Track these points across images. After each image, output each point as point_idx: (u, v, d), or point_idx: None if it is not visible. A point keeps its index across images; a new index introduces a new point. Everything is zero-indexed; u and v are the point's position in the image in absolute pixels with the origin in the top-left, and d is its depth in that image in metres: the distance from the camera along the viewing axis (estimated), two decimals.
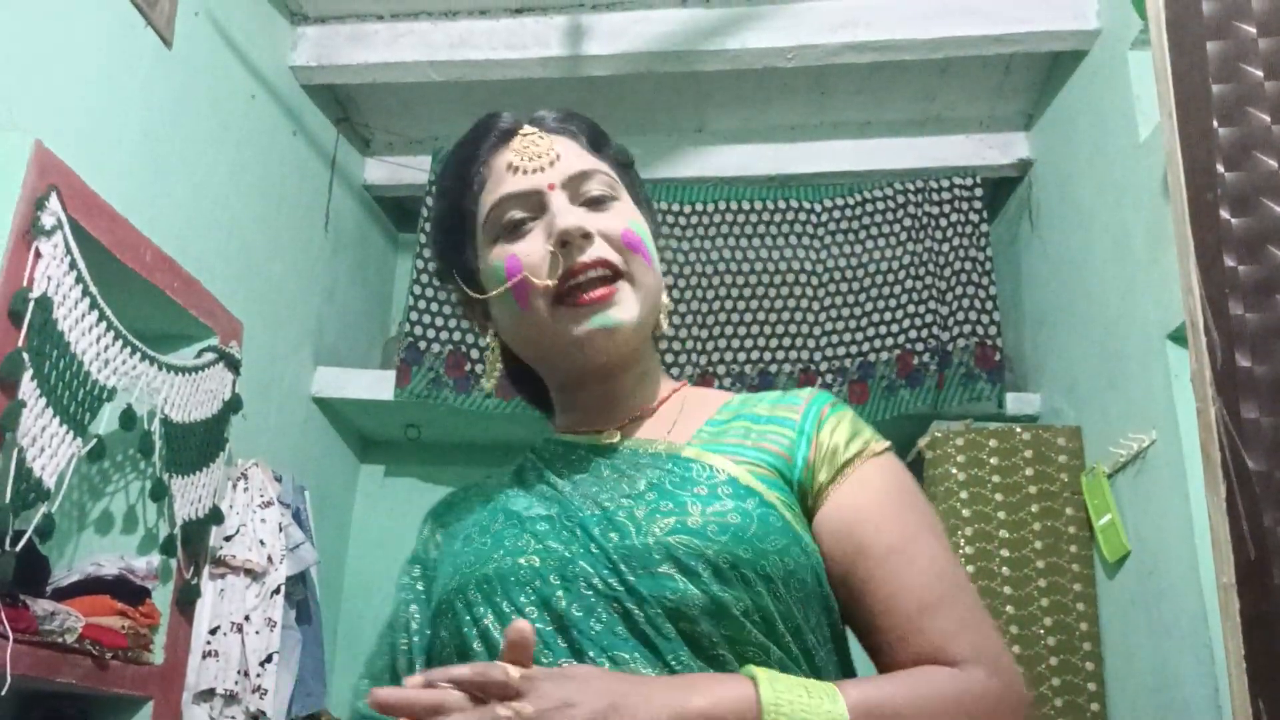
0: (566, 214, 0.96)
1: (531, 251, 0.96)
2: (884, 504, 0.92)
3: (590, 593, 0.86)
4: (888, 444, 0.97)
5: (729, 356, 3.29)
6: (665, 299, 1.04)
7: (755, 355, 3.30)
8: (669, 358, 3.25)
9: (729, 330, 3.32)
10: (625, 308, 0.95)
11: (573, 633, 0.85)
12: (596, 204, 0.99)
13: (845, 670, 0.91)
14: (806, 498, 0.93)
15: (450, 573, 0.94)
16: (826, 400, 0.99)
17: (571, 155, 1.01)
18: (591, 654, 0.83)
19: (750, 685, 0.78)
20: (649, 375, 1.04)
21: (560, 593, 0.87)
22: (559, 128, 1.04)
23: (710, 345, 3.30)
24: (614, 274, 0.96)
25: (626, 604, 0.85)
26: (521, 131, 1.02)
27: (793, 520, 0.90)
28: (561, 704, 0.72)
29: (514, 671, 0.74)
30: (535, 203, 0.98)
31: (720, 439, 0.97)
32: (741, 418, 0.99)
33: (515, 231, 0.98)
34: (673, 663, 0.83)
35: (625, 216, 0.99)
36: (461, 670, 0.74)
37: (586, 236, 0.95)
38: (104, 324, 2.07)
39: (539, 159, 0.99)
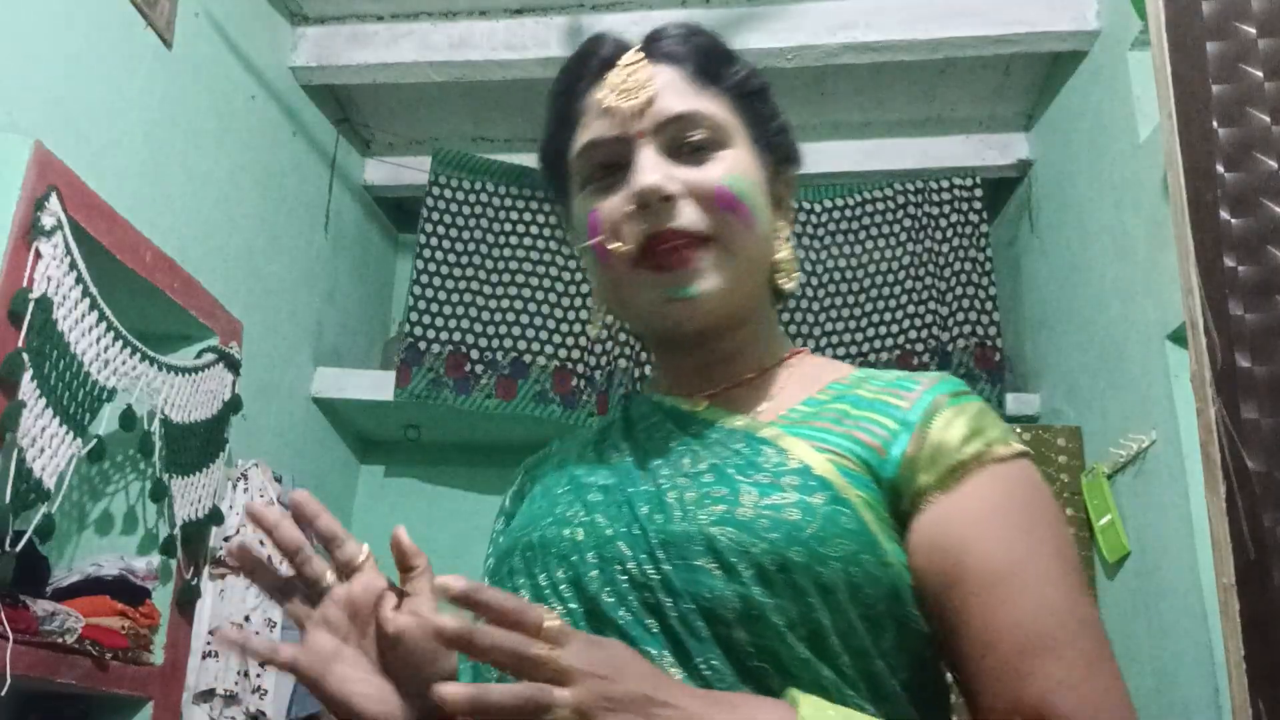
0: (648, 171, 0.85)
1: (612, 210, 0.86)
2: (998, 520, 0.77)
3: (624, 578, 0.78)
4: (1020, 448, 0.82)
5: None
6: (786, 253, 0.92)
7: None
8: None
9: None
10: (709, 277, 0.85)
11: (601, 621, 0.77)
12: (696, 153, 0.88)
13: (930, 705, 0.79)
14: (901, 500, 0.80)
15: (510, 535, 0.90)
16: (948, 388, 0.84)
17: (671, 94, 0.88)
18: None
19: (790, 712, 0.68)
20: (758, 339, 0.93)
21: (594, 573, 0.79)
22: (666, 53, 0.91)
23: None
24: (698, 240, 0.85)
25: (659, 595, 0.76)
26: (624, 60, 0.90)
27: (873, 523, 0.78)
28: (597, 672, 0.65)
29: (551, 620, 0.67)
30: (624, 150, 0.87)
31: (811, 421, 0.85)
32: (844, 399, 0.86)
33: (603, 181, 0.89)
34: (702, 668, 0.74)
35: (724, 169, 0.87)
36: (502, 598, 0.68)
37: (667, 199, 0.84)
38: (104, 324, 2.07)
39: (632, 98, 0.87)
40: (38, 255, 1.90)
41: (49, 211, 1.92)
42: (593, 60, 0.92)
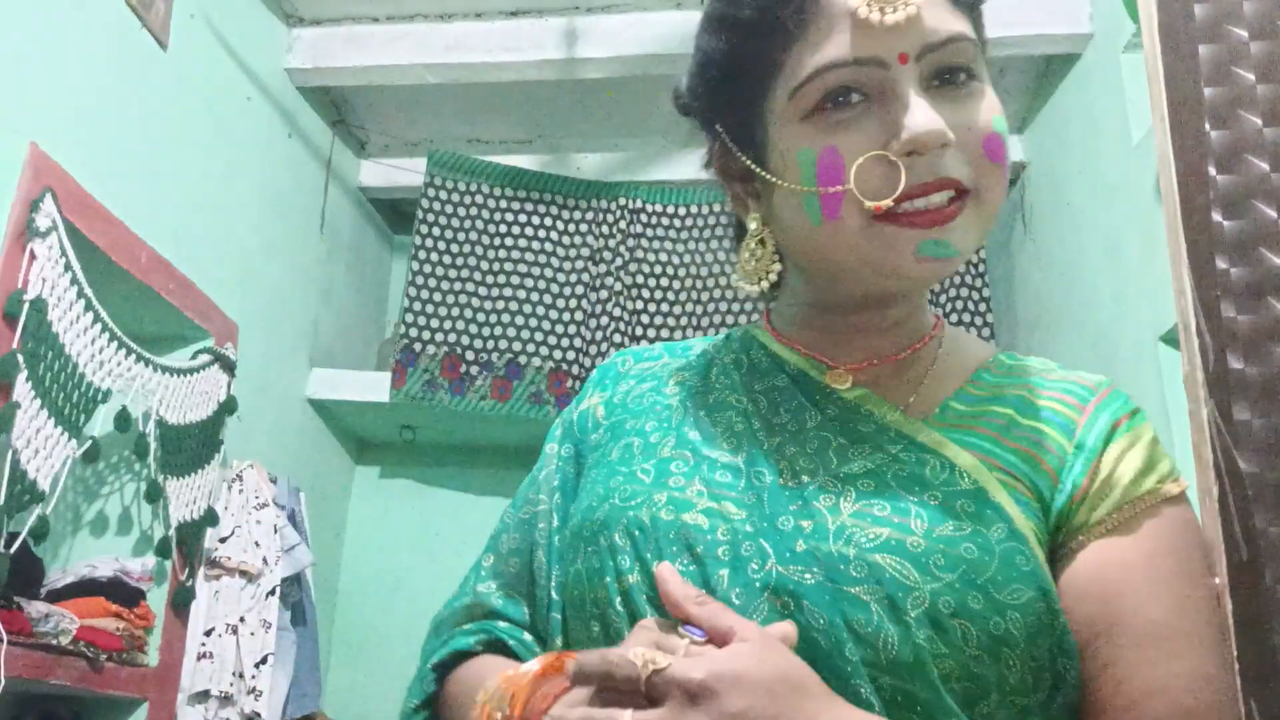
0: (923, 113, 0.68)
1: (861, 152, 0.69)
2: (1161, 570, 0.69)
3: (759, 583, 0.68)
4: (1185, 484, 0.74)
5: None
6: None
7: None
8: None
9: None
10: (965, 234, 0.71)
11: None
12: (958, 86, 0.72)
13: None
14: (1059, 533, 0.71)
15: (600, 495, 0.76)
16: (1124, 406, 0.76)
17: (933, 7, 0.71)
18: None
19: None
20: (916, 311, 0.81)
21: (725, 571, 0.69)
22: None
23: None
24: (962, 194, 0.71)
25: (795, 609, 0.66)
26: None
27: (1044, 563, 0.69)
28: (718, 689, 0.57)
29: (660, 659, 0.59)
30: (876, 77, 0.70)
31: (973, 425, 0.75)
32: (1004, 400, 0.77)
33: (838, 110, 0.71)
34: (860, 689, 0.65)
35: (990, 109, 0.73)
36: (592, 661, 0.61)
37: (945, 145, 0.69)
38: (99, 326, 2.07)
39: (896, 10, 0.69)
40: (33, 256, 1.90)
41: (44, 213, 1.92)
42: None
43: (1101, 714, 0.68)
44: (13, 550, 1.83)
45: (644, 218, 3.41)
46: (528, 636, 0.82)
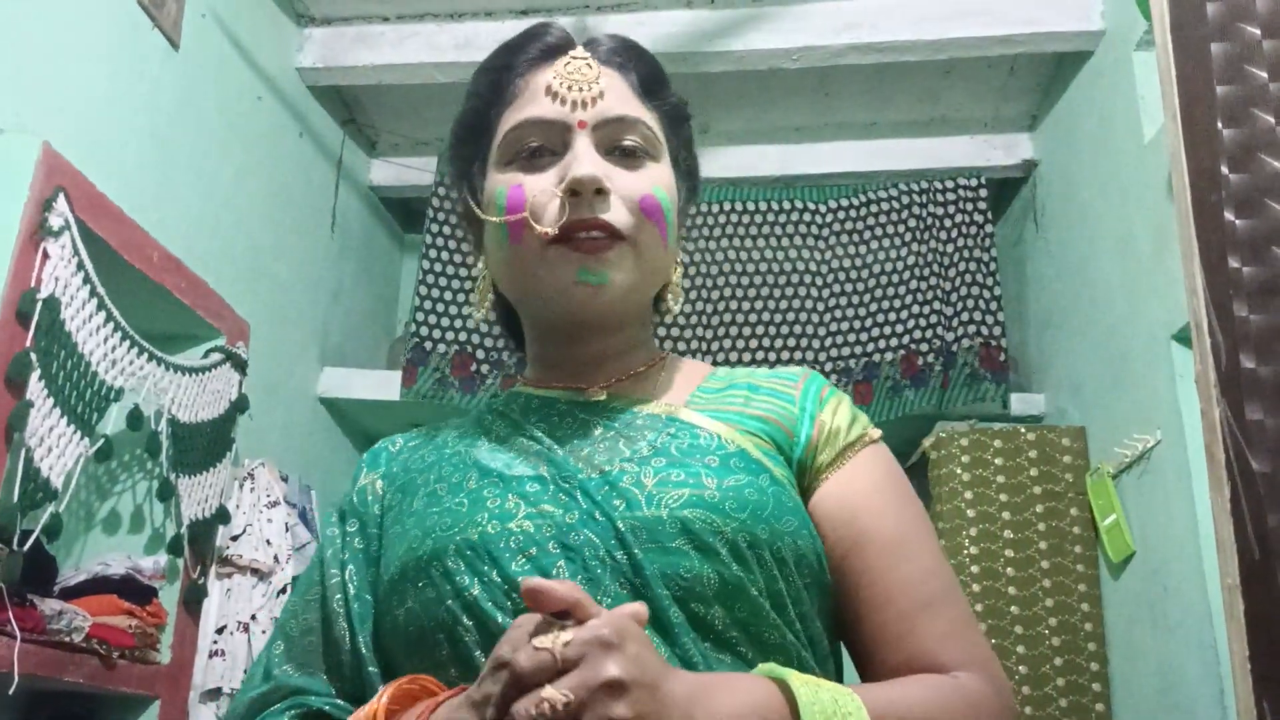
0: (586, 162, 0.86)
1: (540, 189, 0.87)
2: (884, 493, 0.88)
3: (596, 564, 0.78)
4: (879, 432, 0.93)
5: (733, 357, 3.30)
6: (676, 276, 0.97)
7: (760, 356, 3.30)
8: None
9: (733, 331, 3.32)
10: (619, 270, 0.87)
11: None
12: (627, 157, 0.90)
13: (838, 665, 0.87)
14: (804, 478, 0.88)
15: (418, 536, 0.84)
16: (823, 381, 0.95)
17: (615, 96, 0.91)
18: None
19: (772, 687, 0.71)
20: (638, 344, 0.96)
21: (561, 562, 0.78)
22: (612, 59, 0.93)
23: (715, 346, 3.30)
24: (617, 237, 0.87)
25: (635, 580, 0.77)
26: (571, 53, 0.92)
27: (799, 501, 0.86)
28: (605, 686, 0.62)
29: (564, 635, 0.64)
30: (559, 137, 0.89)
31: (719, 405, 0.91)
32: (736, 387, 0.93)
33: (530, 161, 0.89)
34: (687, 644, 0.76)
35: (652, 179, 0.90)
36: (563, 591, 0.66)
37: (600, 192, 0.86)
38: (111, 324, 2.08)
39: (580, 89, 0.89)
40: (45, 256, 1.91)
41: (56, 212, 1.93)
42: (538, 44, 0.94)
43: (863, 617, 0.83)
44: (26, 548, 1.83)
45: None
46: (340, 701, 0.86)
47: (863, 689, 0.75)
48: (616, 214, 0.87)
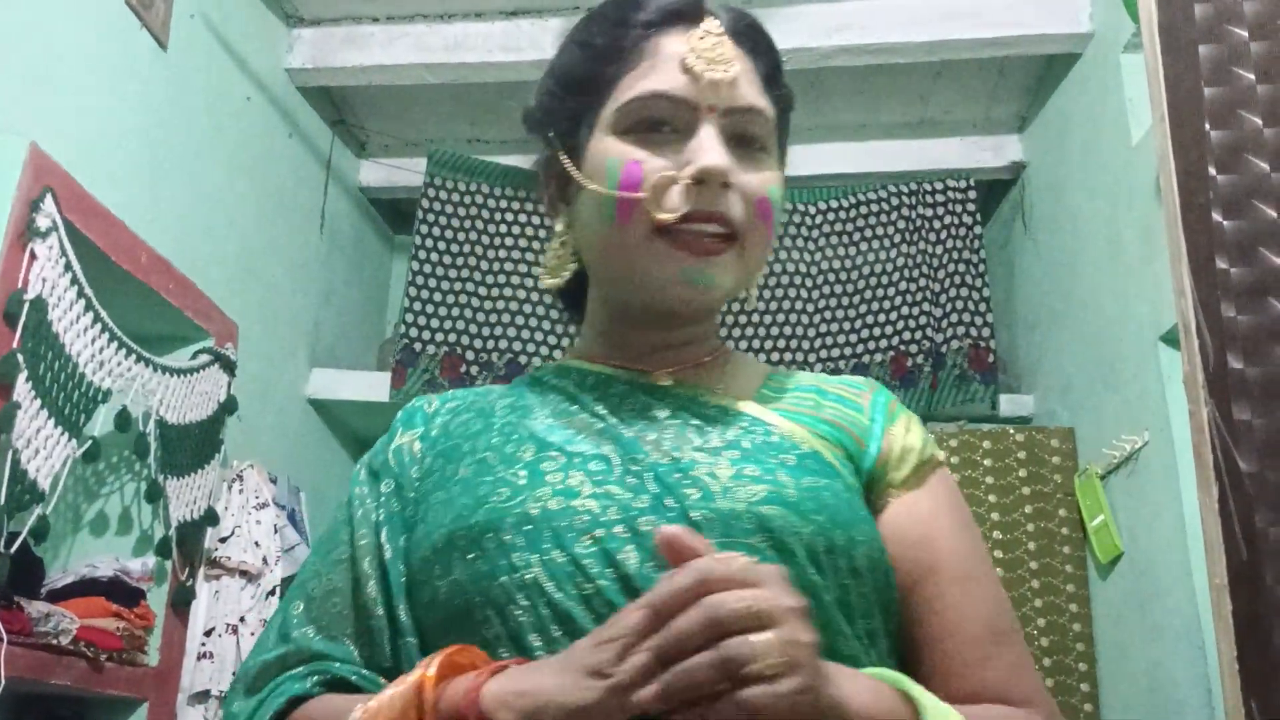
0: (715, 150, 0.82)
1: (659, 171, 0.82)
2: (955, 519, 0.85)
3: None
4: (943, 454, 0.90)
5: None
6: (761, 272, 0.93)
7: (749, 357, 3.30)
8: None
9: (722, 333, 3.32)
10: (725, 273, 0.84)
11: (640, 596, 0.70)
12: (748, 150, 0.86)
13: None
14: (872, 491, 0.84)
15: (468, 504, 0.79)
16: (890, 394, 0.92)
17: (747, 83, 0.86)
18: None
19: (889, 687, 0.70)
20: (709, 333, 0.94)
21: (630, 548, 0.74)
22: (742, 40, 0.88)
23: None
24: (730, 237, 0.83)
25: None
26: (707, 26, 0.85)
27: (869, 513, 0.82)
28: (809, 647, 0.62)
29: (748, 594, 0.61)
30: (685, 116, 0.84)
31: (789, 405, 0.87)
32: (804, 389, 0.90)
33: (649, 136, 0.84)
34: None
35: (769, 179, 0.87)
36: (699, 547, 0.64)
37: (726, 186, 0.82)
38: (99, 326, 2.07)
39: (715, 71, 0.83)
40: (33, 256, 1.90)
41: (44, 213, 1.92)
42: (672, 4, 0.87)
43: (930, 644, 0.80)
44: (13, 550, 1.82)
45: None
46: (366, 671, 0.80)
47: (963, 709, 0.72)
48: (735, 210, 0.83)
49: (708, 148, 0.82)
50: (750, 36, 0.89)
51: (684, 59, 0.84)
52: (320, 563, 0.87)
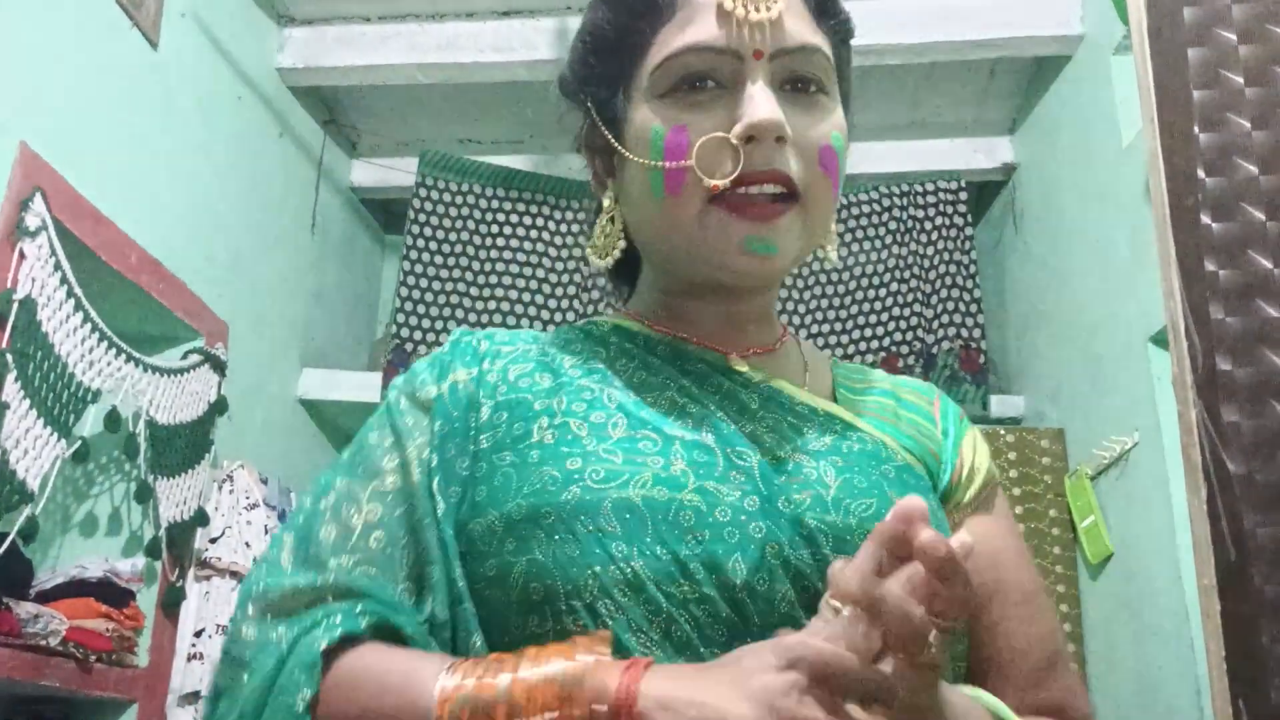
0: (765, 103, 0.74)
1: (706, 133, 0.75)
2: (1019, 543, 0.84)
3: (777, 564, 0.69)
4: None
5: None
6: (834, 225, 0.84)
7: None
8: None
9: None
10: (790, 236, 0.77)
11: (748, 609, 0.68)
12: (803, 94, 0.78)
13: None
14: (943, 507, 0.82)
15: (556, 478, 0.71)
16: (954, 404, 0.90)
17: (794, 17, 0.77)
18: (758, 640, 0.64)
19: (982, 709, 0.72)
20: (772, 310, 0.88)
21: (737, 556, 0.69)
22: None
23: None
24: (790, 195, 0.76)
25: (816, 584, 0.69)
26: None
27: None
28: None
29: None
30: (731, 68, 0.76)
31: (874, 411, 0.83)
32: (876, 391, 0.86)
33: (690, 95, 0.77)
34: None
35: (831, 123, 0.79)
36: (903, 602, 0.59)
37: (781, 139, 0.75)
38: (88, 325, 2.07)
39: (756, 10, 0.75)
40: (22, 256, 1.90)
41: (33, 212, 1.92)
42: None
43: (995, 665, 0.79)
44: (2, 551, 1.82)
45: None
46: (422, 625, 0.72)
47: None
48: (794, 166, 0.76)
49: (758, 100, 0.74)
50: None
51: (720, 2, 0.76)
52: (355, 487, 0.77)
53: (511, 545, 0.70)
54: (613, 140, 0.81)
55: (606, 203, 0.84)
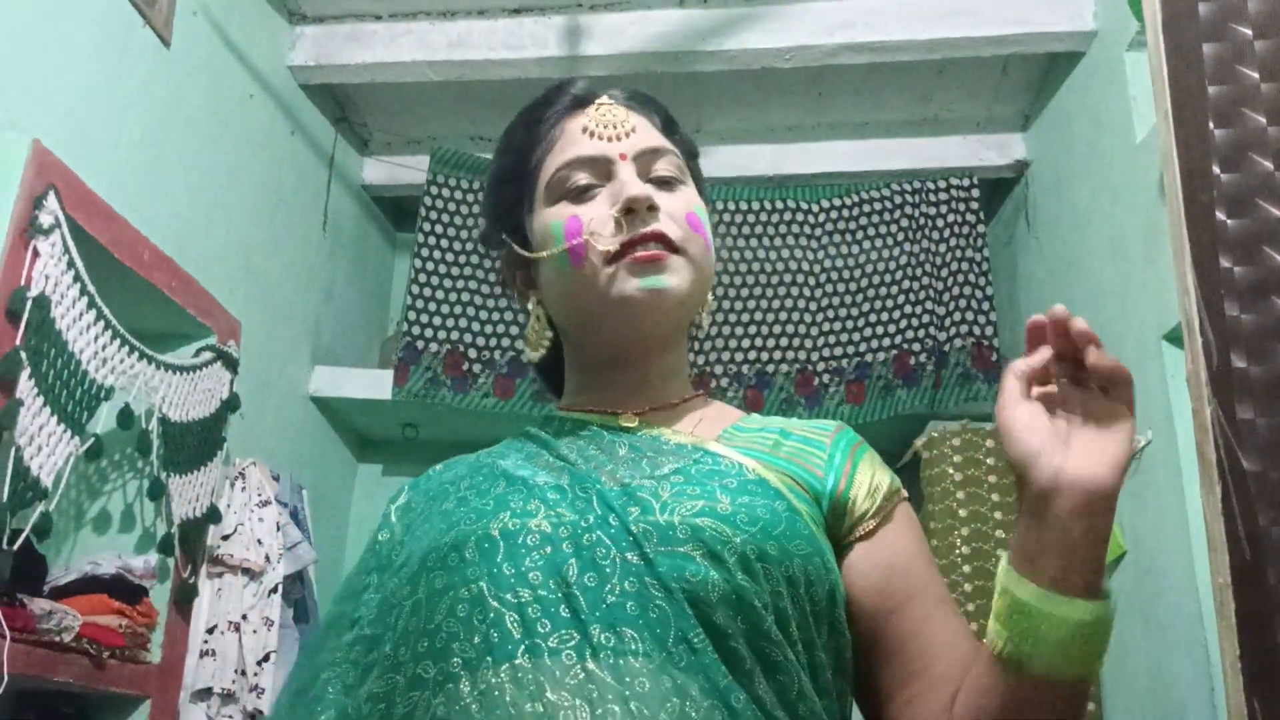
0: (634, 182, 0.96)
1: (594, 215, 0.95)
2: (926, 549, 0.94)
3: (606, 564, 0.82)
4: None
5: (726, 356, 3.30)
6: (710, 296, 1.03)
7: (752, 355, 3.30)
8: None
9: (726, 330, 3.32)
10: (678, 275, 0.94)
11: (579, 603, 0.81)
12: (664, 184, 0.99)
13: (844, 705, 0.89)
14: (840, 523, 0.92)
15: (441, 529, 0.89)
16: (854, 436, 1.00)
17: (645, 131, 1.01)
18: (596, 628, 0.79)
19: None
20: (678, 371, 1.03)
21: (572, 561, 0.83)
22: (633, 104, 1.04)
23: (707, 345, 3.30)
24: (671, 248, 0.95)
25: (644, 579, 0.81)
26: (598, 100, 1.02)
27: (817, 533, 0.89)
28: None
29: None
30: (604, 169, 0.98)
31: (749, 443, 0.96)
32: (769, 430, 0.98)
33: (579, 195, 0.97)
34: (695, 641, 0.79)
35: (690, 200, 0.99)
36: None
37: (652, 209, 0.95)
38: (102, 323, 2.07)
39: (614, 128, 0.99)
40: (35, 253, 1.90)
41: (47, 210, 1.92)
42: (566, 96, 1.02)
43: (911, 668, 0.87)
44: (15, 547, 1.83)
45: None
46: None
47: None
48: (668, 227, 0.95)
49: (629, 182, 0.95)
50: (640, 100, 1.05)
51: (585, 126, 0.99)
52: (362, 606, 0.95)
53: (408, 591, 0.87)
54: (525, 252, 1.00)
55: (531, 306, 1.03)
